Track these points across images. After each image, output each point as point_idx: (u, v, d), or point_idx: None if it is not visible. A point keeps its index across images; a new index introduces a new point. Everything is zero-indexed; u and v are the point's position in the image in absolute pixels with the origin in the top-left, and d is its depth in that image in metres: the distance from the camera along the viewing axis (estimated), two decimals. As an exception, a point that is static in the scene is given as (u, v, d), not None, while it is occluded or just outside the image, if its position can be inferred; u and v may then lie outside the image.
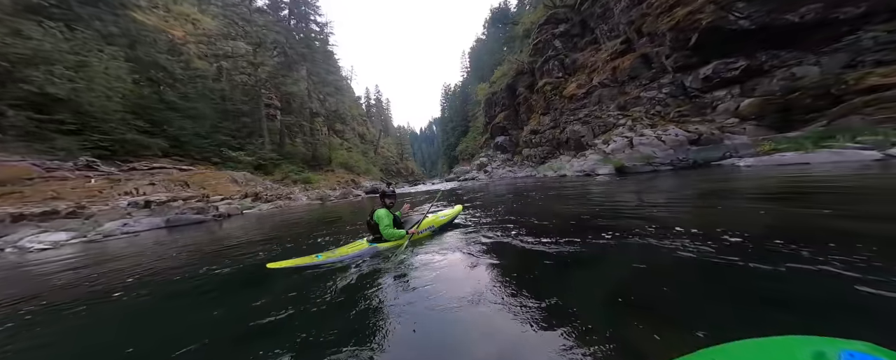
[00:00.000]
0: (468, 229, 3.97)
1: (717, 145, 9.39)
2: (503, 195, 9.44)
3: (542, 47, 22.25)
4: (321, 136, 31.81)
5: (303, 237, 5.07)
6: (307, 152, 26.88)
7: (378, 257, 2.86)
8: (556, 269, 2.26)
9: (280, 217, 9.54)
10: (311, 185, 20.87)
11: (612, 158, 12.57)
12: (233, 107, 21.83)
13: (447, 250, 2.93)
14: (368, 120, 64.89)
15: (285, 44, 26.56)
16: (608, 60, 16.55)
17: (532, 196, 7.91)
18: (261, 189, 14.74)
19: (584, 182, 9.99)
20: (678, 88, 12.03)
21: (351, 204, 13.14)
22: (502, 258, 2.62)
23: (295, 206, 13.69)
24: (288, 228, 6.88)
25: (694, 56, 11.27)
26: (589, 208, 4.96)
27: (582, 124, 17.23)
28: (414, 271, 2.47)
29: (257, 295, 2.23)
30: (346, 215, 8.61)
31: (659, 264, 2.10)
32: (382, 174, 43.32)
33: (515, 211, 5.41)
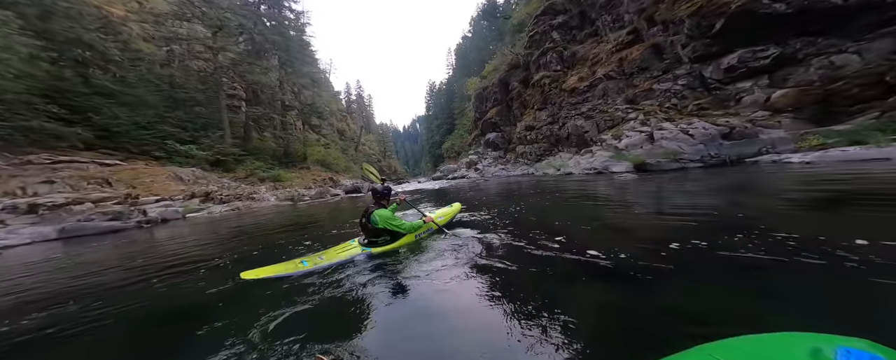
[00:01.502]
0: (484, 237, 3.16)
1: (751, 140, 8.43)
2: (507, 195, 8.01)
3: (538, 39, 21.09)
4: (295, 131, 28.80)
5: (256, 250, 3.93)
6: (278, 148, 24.01)
7: (373, 262, 2.53)
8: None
9: (236, 222, 7.53)
10: (281, 183, 18.33)
11: (626, 155, 11.45)
12: (185, 95, 18.61)
13: (456, 258, 2.49)
14: (349, 116, 61.57)
15: (253, 29, 23.43)
16: (613, 52, 15.58)
17: (545, 197, 6.80)
18: (215, 188, 12.24)
19: (602, 181, 8.76)
20: (696, 80, 11.14)
21: (328, 205, 11.18)
22: (529, 272, 2.11)
23: (259, 207, 11.34)
24: (241, 236, 5.42)
25: (715, 45, 10.37)
26: (642, 215, 3.88)
27: (585, 119, 16.16)
28: (415, 279, 2.12)
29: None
30: (322, 218, 7.21)
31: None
32: (363, 173, 40.54)
33: (533, 214, 4.62)
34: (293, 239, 4.41)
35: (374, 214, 2.68)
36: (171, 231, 6.77)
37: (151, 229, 7.02)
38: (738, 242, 2.19)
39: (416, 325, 1.59)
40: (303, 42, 32.30)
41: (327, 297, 1.96)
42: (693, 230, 2.67)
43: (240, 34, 23.18)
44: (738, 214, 3.24)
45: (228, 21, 21.21)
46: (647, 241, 2.58)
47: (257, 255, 3.58)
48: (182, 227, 7.34)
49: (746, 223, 2.74)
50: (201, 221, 8.26)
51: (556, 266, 2.18)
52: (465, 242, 2.91)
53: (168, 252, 4.47)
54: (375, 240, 2.75)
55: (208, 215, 9.31)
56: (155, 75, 17.90)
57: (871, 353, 0.46)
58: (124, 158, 12.82)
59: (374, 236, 2.75)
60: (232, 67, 21.08)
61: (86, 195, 7.54)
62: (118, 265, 3.81)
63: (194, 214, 9.32)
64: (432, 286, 2.01)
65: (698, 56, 10.96)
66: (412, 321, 1.64)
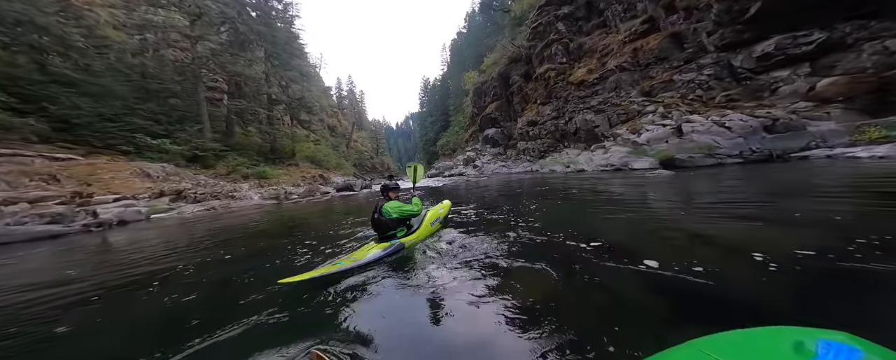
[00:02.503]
0: (506, 236, 2.92)
1: (798, 133, 7.71)
2: (513, 194, 7.16)
3: (542, 31, 20.19)
4: (282, 126, 27.22)
5: (225, 259, 3.23)
6: (264, 144, 22.53)
7: (401, 254, 2.58)
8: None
9: (210, 224, 6.49)
10: (267, 180, 17.02)
11: (648, 150, 10.67)
12: (159, 86, 16.91)
13: (474, 260, 2.37)
14: (340, 112, 59.72)
15: (237, 19, 21.73)
16: (626, 42, 14.80)
17: (562, 196, 6.03)
18: (189, 185, 11.00)
19: (624, 180, 7.90)
20: (724, 69, 10.42)
21: (318, 204, 10.10)
22: (572, 282, 1.88)
23: (239, 207, 10.12)
24: (210, 242, 4.43)
25: (747, 31, 9.64)
26: (707, 218, 3.24)
27: (595, 113, 15.38)
28: (434, 282, 2.03)
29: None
30: (311, 219, 6.46)
31: None
32: (356, 169, 39.50)
33: (555, 215, 4.14)
34: (275, 245, 3.69)
35: (384, 206, 2.71)
36: (130, 235, 5.60)
37: (104, 234, 5.75)
38: (857, 250, 1.80)
39: (421, 324, 1.55)
40: (291, 34, 30.64)
41: (350, 296, 1.94)
42: (788, 237, 2.27)
43: (222, 23, 21.56)
44: (835, 216, 2.63)
45: (209, 9, 19.54)
46: (734, 250, 2.16)
47: (227, 268, 2.86)
48: (143, 230, 6.11)
49: (854, 225, 2.33)
50: (169, 223, 7.03)
51: (614, 278, 1.85)
52: (481, 242, 2.78)
53: (114, 263, 3.49)
54: (392, 233, 2.71)
55: (178, 216, 8.07)
56: (125, 65, 16.25)
57: (850, 345, 0.48)
58: (86, 152, 11.22)
59: (389, 229, 2.71)
60: (212, 58, 19.43)
61: (23, 194, 6.12)
62: (34, 282, 2.78)
63: (161, 214, 8.07)
64: (449, 291, 1.89)
65: (727, 44, 10.23)
66: (419, 322, 1.59)
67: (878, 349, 0.47)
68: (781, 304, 1.45)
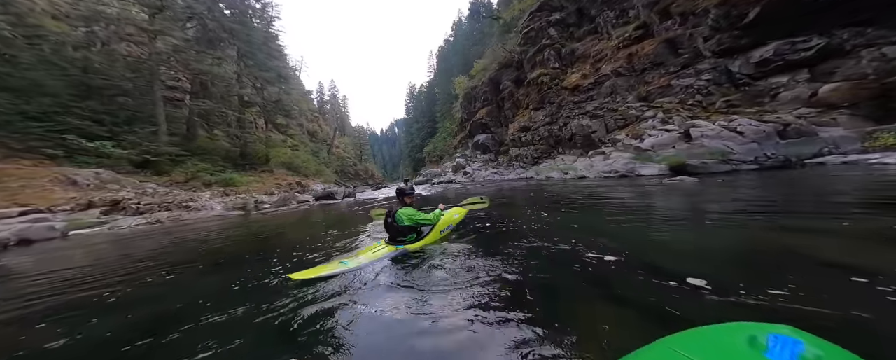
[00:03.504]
0: (514, 245, 2.70)
1: (809, 139, 7.46)
2: (511, 203, 6.43)
3: (534, 36, 20.02)
4: (255, 129, 25.26)
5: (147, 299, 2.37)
6: (233, 148, 20.60)
7: (408, 259, 2.57)
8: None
9: (149, 241, 5.36)
10: (234, 188, 15.24)
11: (654, 155, 10.24)
12: (104, 82, 14.74)
13: (483, 265, 2.26)
14: (321, 117, 57.43)
15: (206, 15, 19.93)
16: (620, 48, 14.71)
17: (568, 204, 5.48)
18: (130, 195, 9.47)
19: (634, 187, 7.32)
20: (722, 75, 10.30)
21: (292, 214, 9.01)
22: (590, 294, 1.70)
23: (195, 219, 8.82)
24: (141, 266, 3.45)
25: (745, 37, 9.57)
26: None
27: (591, 118, 15.06)
28: (436, 285, 2.02)
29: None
30: (281, 233, 5.51)
31: None
32: (337, 176, 37.62)
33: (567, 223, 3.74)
34: (220, 277, 2.78)
35: (398, 212, 2.69)
36: (36, 258, 4.30)
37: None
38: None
39: (408, 332, 1.50)
40: (269, 35, 28.91)
41: (351, 296, 1.94)
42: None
43: (188, 19, 19.66)
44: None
45: (172, 3, 17.66)
46: (823, 268, 1.74)
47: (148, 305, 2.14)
48: (56, 250, 4.75)
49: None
50: (96, 240, 5.61)
51: (651, 297, 1.54)
52: (490, 252, 2.59)
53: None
54: (403, 239, 2.72)
55: (109, 232, 6.60)
56: (62, 58, 13.99)
57: (794, 338, 0.54)
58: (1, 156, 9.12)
59: (400, 235, 2.72)
60: (174, 54, 17.44)
61: None
62: None
63: (87, 230, 6.58)
64: (452, 294, 1.85)
65: (724, 49, 10.14)
66: (417, 323, 1.55)
67: (817, 341, 0.53)
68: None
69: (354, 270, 2.29)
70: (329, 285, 2.07)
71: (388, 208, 2.84)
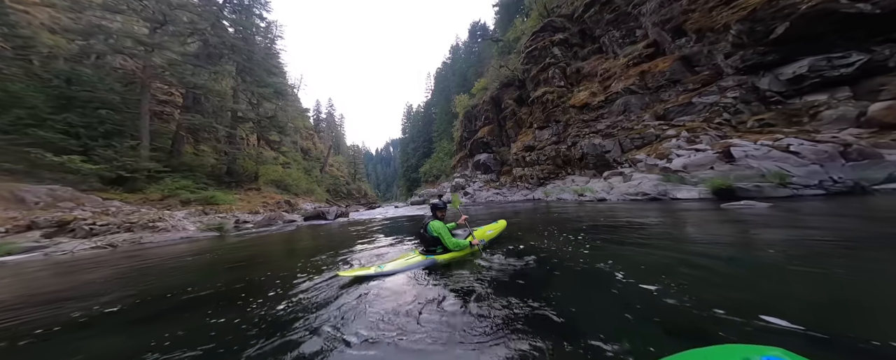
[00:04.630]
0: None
1: (876, 162, 6.55)
2: (546, 227, 5.05)
3: (537, 55, 19.92)
4: (245, 145, 24.16)
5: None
6: (220, 164, 19.30)
7: (437, 269, 2.79)
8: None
9: (86, 272, 4.41)
10: (216, 207, 13.82)
11: (687, 177, 9.24)
12: (89, 94, 13.66)
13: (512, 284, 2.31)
14: (316, 135, 56.65)
15: (209, 31, 19.47)
16: (630, 66, 14.36)
17: (610, 233, 4.22)
18: (86, 214, 8.29)
19: (680, 213, 6.21)
20: (750, 93, 9.69)
21: (276, 237, 8.16)
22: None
23: (159, 242, 7.96)
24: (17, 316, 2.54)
25: (771, 53, 9.07)
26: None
27: (603, 137, 14.30)
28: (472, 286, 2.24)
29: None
30: (260, 262, 4.55)
31: None
32: (329, 195, 36.04)
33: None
34: (135, 341, 1.93)
35: (430, 224, 2.98)
36: None
37: None
38: None
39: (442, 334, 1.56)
40: (270, 51, 28.70)
41: (385, 300, 2.11)
42: None
43: (190, 34, 19.10)
44: None
45: (176, 18, 17.09)
46: None
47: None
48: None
49: None
50: (23, 269, 4.61)
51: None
52: (524, 277, 2.50)
53: None
54: (434, 249, 2.98)
55: (44, 259, 5.56)
56: (49, 70, 13.02)
57: (784, 359, 0.56)
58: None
59: (431, 245, 2.98)
60: (169, 68, 16.51)
61: None
62: None
63: (18, 256, 5.55)
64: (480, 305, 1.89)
65: (749, 66, 9.61)
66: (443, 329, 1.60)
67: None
68: None
69: (388, 273, 2.54)
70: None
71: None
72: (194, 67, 17.92)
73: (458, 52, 61.38)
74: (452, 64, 61.15)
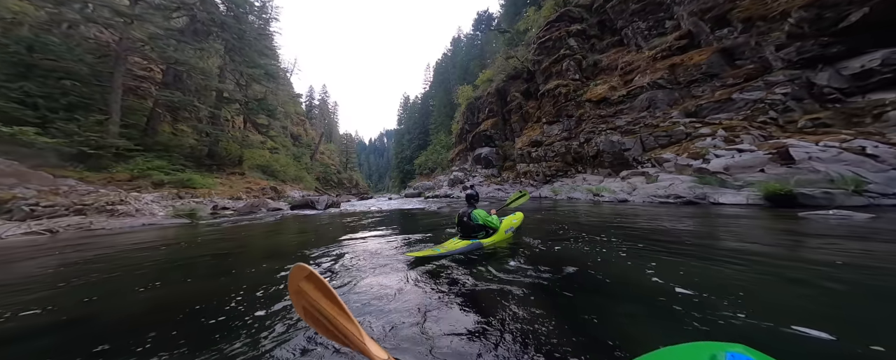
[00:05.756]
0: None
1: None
2: (569, 228, 3.81)
3: (551, 46, 18.60)
4: (230, 127, 22.33)
5: None
6: (200, 146, 17.51)
7: (482, 251, 3.02)
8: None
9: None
10: (193, 190, 12.32)
11: (729, 179, 8.14)
12: (53, 64, 11.67)
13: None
14: (308, 121, 54.14)
15: (197, 6, 17.28)
16: (656, 59, 13.21)
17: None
18: (26, 193, 7.15)
19: (729, 219, 5.06)
20: (802, 89, 8.65)
21: (255, 227, 7.08)
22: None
23: (115, 228, 6.81)
24: None
25: (835, 45, 8.02)
26: None
27: (622, 134, 13.17)
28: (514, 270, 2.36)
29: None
30: (237, 261, 3.47)
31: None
32: (318, 184, 34.21)
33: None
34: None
35: (473, 212, 3.24)
36: None
37: None
38: None
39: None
40: (263, 32, 26.40)
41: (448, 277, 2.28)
42: None
43: (176, 9, 16.88)
44: None
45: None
46: None
47: None
48: None
49: None
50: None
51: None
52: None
53: None
54: (475, 234, 3.20)
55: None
56: (8, 36, 11.13)
57: (747, 356, 0.58)
58: None
59: (473, 231, 3.20)
60: (149, 42, 14.43)
61: None
62: None
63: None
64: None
65: (806, 59, 8.56)
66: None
67: (765, 358, 0.59)
68: None
69: (445, 255, 2.79)
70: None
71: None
72: (178, 43, 16.02)
73: (459, 45, 59.51)
74: (453, 56, 59.28)
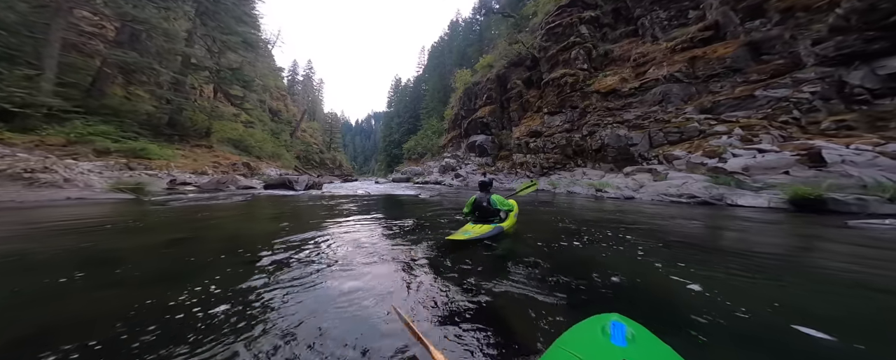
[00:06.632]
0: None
1: None
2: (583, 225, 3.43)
3: (560, 33, 17.43)
4: (197, 96, 20.09)
5: None
6: (159, 113, 15.55)
7: (502, 236, 3.08)
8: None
9: None
10: (147, 161, 10.67)
11: (748, 180, 7.54)
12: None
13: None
14: (289, 96, 50.54)
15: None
16: (675, 51, 12.43)
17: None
18: None
19: (762, 224, 4.46)
20: (832, 88, 8.10)
21: (219, 209, 5.74)
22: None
23: (29, 203, 5.26)
24: None
25: (880, 40, 7.42)
26: None
27: (630, 129, 12.45)
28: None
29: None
30: (199, 240, 3.08)
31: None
32: (299, 163, 32.04)
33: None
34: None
35: (492, 198, 3.28)
36: None
37: None
38: None
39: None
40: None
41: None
42: None
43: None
44: None
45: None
46: None
47: None
48: None
49: None
50: None
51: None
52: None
53: None
54: (492, 219, 3.25)
55: None
56: None
57: (622, 323, 0.76)
58: None
59: (491, 216, 3.26)
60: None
61: None
62: None
63: None
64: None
65: (844, 55, 7.96)
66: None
67: (632, 322, 0.78)
68: None
69: (478, 239, 2.75)
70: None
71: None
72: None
73: (457, 29, 56.98)
74: (450, 40, 56.81)
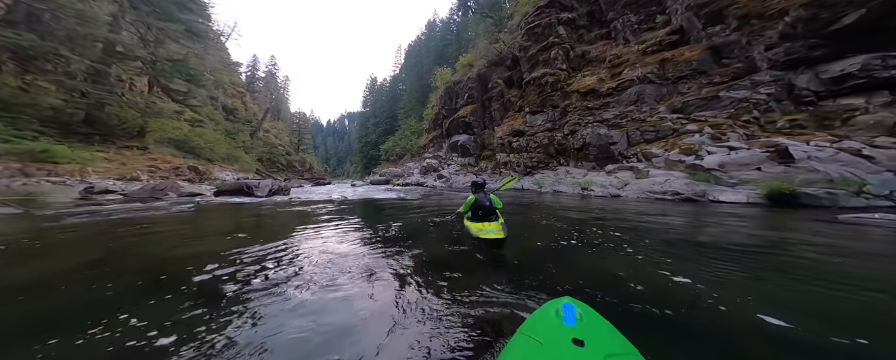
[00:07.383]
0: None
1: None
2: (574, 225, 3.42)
3: (540, 33, 17.84)
4: (127, 90, 17.61)
5: None
6: (69, 108, 13.22)
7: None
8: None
9: None
10: (52, 166, 9.12)
11: (725, 177, 8.13)
12: None
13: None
14: (249, 93, 46.59)
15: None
16: (646, 53, 13.20)
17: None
18: None
19: (753, 221, 4.91)
20: (783, 90, 9.04)
21: (142, 224, 4.20)
22: None
23: None
24: None
25: (822, 47, 8.38)
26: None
27: (610, 128, 13.01)
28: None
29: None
30: (114, 271, 2.31)
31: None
32: (261, 165, 29.60)
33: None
34: None
35: (491, 196, 3.43)
36: None
37: None
38: None
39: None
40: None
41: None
42: None
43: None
44: None
45: None
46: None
47: None
48: None
49: None
50: None
51: None
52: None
53: None
54: (492, 216, 3.30)
55: None
56: None
57: (572, 305, 0.87)
58: None
59: (491, 213, 3.31)
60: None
61: None
62: None
63: None
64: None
65: (791, 61, 8.91)
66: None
67: (581, 304, 0.89)
68: None
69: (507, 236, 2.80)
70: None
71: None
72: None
73: (434, 29, 56.63)
74: (428, 40, 56.27)
